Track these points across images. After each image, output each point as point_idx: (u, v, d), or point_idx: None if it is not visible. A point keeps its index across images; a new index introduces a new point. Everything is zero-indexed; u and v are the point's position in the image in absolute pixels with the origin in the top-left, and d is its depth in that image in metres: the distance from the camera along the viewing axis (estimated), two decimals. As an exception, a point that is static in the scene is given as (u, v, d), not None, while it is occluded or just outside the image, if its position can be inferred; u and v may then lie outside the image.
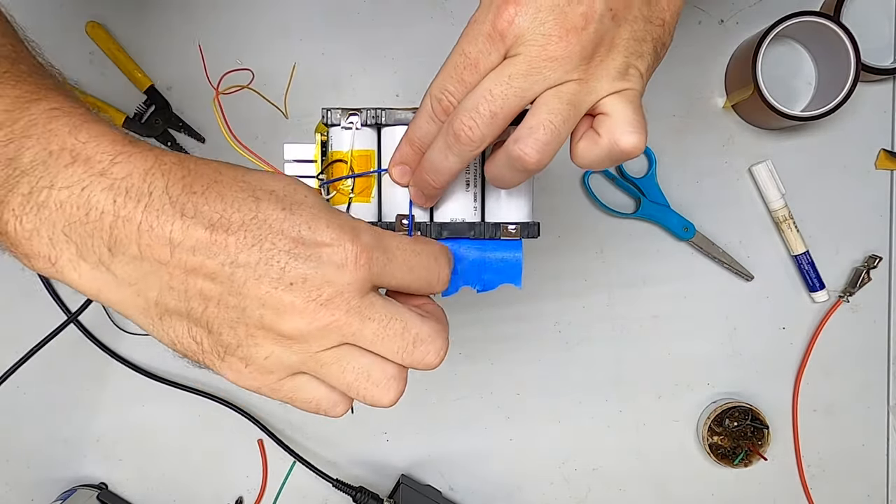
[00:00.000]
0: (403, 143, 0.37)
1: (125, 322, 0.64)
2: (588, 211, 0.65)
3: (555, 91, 0.33)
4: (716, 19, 0.65)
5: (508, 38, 0.32)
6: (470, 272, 0.40)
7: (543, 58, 0.32)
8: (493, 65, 0.33)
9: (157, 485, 0.66)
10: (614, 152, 0.34)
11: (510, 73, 0.32)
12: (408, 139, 0.36)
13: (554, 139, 0.33)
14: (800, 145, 0.66)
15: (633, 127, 0.33)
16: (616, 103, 0.34)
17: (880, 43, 0.65)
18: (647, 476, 0.68)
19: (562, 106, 0.33)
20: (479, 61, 0.33)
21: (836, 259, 0.66)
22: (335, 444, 0.66)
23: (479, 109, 0.32)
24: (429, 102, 0.34)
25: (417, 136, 0.36)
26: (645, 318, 0.66)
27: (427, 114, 0.35)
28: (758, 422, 0.65)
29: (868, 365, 0.67)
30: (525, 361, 0.66)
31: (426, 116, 0.35)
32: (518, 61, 0.32)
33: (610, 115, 0.34)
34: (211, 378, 0.65)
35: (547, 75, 0.32)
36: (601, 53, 0.33)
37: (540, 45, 0.32)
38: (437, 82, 0.34)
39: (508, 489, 0.68)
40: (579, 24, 0.32)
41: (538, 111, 0.33)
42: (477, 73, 0.33)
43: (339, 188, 0.40)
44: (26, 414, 0.65)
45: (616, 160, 0.34)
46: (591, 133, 0.34)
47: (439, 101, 0.34)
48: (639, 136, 0.33)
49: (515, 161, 0.33)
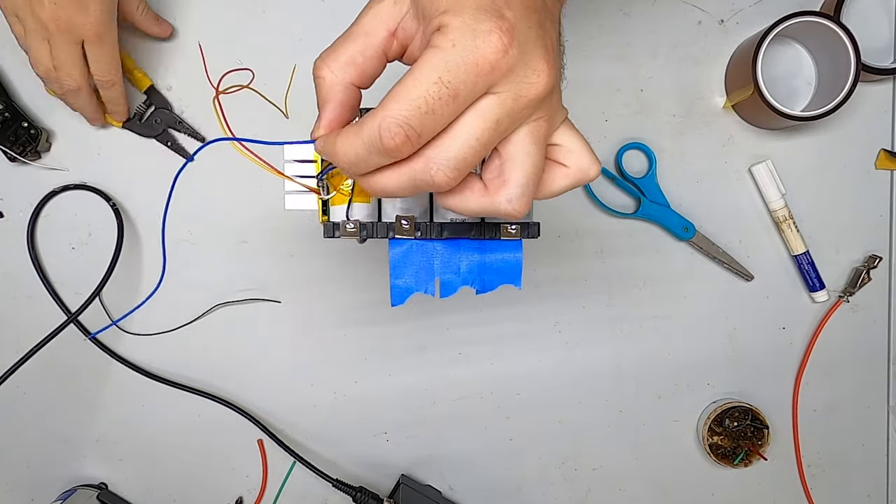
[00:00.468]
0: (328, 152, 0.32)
1: (125, 322, 0.64)
2: (588, 211, 0.65)
3: (529, 135, 0.31)
4: (716, 19, 0.65)
5: (499, 71, 0.29)
6: (470, 273, 0.40)
7: (531, 97, 0.30)
8: (473, 99, 0.30)
9: (157, 485, 0.66)
10: (582, 181, 0.34)
11: (498, 118, 0.30)
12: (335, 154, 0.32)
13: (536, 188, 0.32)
14: (800, 145, 0.66)
15: (593, 155, 0.34)
16: (569, 134, 0.34)
17: (880, 43, 0.65)
18: (647, 476, 0.68)
19: (539, 153, 0.32)
20: (459, 94, 0.29)
21: (836, 259, 0.67)
22: (335, 444, 0.67)
23: (469, 160, 0.30)
24: (376, 131, 0.29)
25: (348, 159, 0.31)
26: (645, 318, 0.67)
27: (370, 143, 0.30)
28: (758, 422, 0.66)
29: (868, 365, 0.68)
30: (525, 362, 0.66)
31: (367, 145, 0.30)
32: (505, 102, 0.30)
33: (570, 147, 0.34)
34: (211, 378, 0.65)
35: (526, 115, 0.31)
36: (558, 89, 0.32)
37: (529, 83, 0.30)
38: (396, 111, 0.29)
39: (508, 489, 0.68)
40: (553, 59, 0.31)
41: (522, 164, 0.31)
42: (454, 106, 0.29)
43: (340, 188, 0.40)
44: (26, 414, 0.65)
45: (575, 187, 0.35)
46: (553, 165, 0.34)
47: (393, 137, 0.29)
48: (599, 163, 0.35)
49: (504, 215, 0.32)
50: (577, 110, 0.64)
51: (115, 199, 0.63)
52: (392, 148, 0.29)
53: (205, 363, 0.65)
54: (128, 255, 0.63)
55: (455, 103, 0.29)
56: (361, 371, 0.66)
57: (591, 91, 0.64)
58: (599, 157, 0.64)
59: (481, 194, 0.32)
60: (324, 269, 0.65)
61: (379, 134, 0.29)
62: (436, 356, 0.66)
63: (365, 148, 0.30)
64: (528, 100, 0.30)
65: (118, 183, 0.63)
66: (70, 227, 0.63)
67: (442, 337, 0.66)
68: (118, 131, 0.62)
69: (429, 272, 0.40)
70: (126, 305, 0.64)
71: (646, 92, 0.65)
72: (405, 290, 0.40)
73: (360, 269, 0.65)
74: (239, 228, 0.64)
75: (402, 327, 0.66)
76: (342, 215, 0.40)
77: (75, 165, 0.63)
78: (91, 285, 0.61)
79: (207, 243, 0.64)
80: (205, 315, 0.64)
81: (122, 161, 0.63)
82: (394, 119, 0.29)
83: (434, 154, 0.30)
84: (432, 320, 0.66)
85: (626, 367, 0.67)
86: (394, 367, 0.66)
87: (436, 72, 0.29)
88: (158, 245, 0.64)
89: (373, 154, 0.30)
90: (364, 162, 0.31)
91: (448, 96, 0.29)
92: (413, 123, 0.29)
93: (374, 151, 0.30)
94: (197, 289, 0.64)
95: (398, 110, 0.29)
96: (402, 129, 0.29)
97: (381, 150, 0.30)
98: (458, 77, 0.29)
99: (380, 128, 0.29)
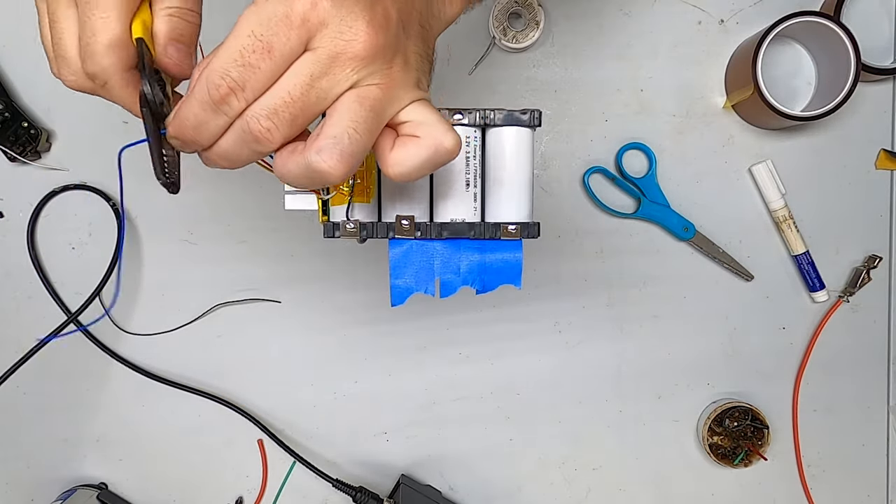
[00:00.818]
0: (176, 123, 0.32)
1: (125, 322, 0.64)
2: (588, 211, 0.65)
3: (356, 95, 0.31)
4: (716, 19, 0.65)
5: (311, 24, 0.29)
6: (470, 273, 0.40)
7: (350, 55, 0.30)
8: (291, 53, 0.30)
9: (157, 485, 0.66)
10: (439, 152, 0.33)
11: (312, 73, 0.30)
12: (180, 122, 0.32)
13: (359, 150, 0.31)
14: (800, 145, 0.66)
15: (449, 126, 0.33)
16: (422, 110, 0.33)
17: (880, 43, 0.65)
18: (647, 476, 0.68)
19: (365, 113, 0.31)
20: (273, 47, 0.29)
21: (836, 259, 0.66)
22: (335, 444, 0.67)
23: (280, 113, 0.30)
24: (204, 87, 0.30)
25: (191, 123, 0.31)
26: (645, 318, 0.67)
27: (201, 100, 0.30)
28: (758, 422, 0.65)
29: (868, 365, 0.68)
30: (525, 362, 0.66)
31: (199, 103, 0.30)
32: (321, 58, 0.30)
33: (421, 120, 0.33)
34: (211, 378, 0.65)
35: (349, 75, 0.30)
36: (399, 62, 0.32)
37: (346, 40, 0.30)
38: (217, 65, 0.29)
39: (508, 489, 0.68)
40: (383, 24, 0.30)
41: (340, 118, 0.30)
42: (271, 60, 0.29)
43: (340, 188, 0.40)
44: (26, 414, 0.65)
45: (437, 164, 0.33)
46: (405, 139, 0.33)
47: (217, 88, 0.30)
48: (457, 135, 0.33)
49: (315, 173, 0.31)
50: (577, 110, 0.64)
51: (115, 199, 0.63)
52: (218, 99, 0.30)
53: (205, 363, 0.65)
54: (128, 255, 0.63)
55: (272, 57, 0.29)
56: (361, 371, 0.66)
57: (591, 91, 0.64)
58: (599, 157, 0.65)
59: (296, 151, 0.31)
60: (324, 269, 0.65)
61: (206, 88, 0.30)
62: (436, 356, 0.66)
63: (200, 106, 0.30)
64: (345, 58, 0.30)
65: (118, 183, 0.63)
66: (70, 227, 0.63)
67: (442, 337, 0.66)
68: (118, 131, 0.62)
69: (429, 272, 0.40)
70: (126, 305, 0.64)
71: (646, 92, 0.65)
72: (405, 290, 0.40)
73: (360, 269, 0.65)
74: (239, 228, 0.64)
75: (402, 327, 0.66)
76: (342, 215, 0.40)
77: (75, 165, 0.63)
78: (91, 285, 0.61)
79: (207, 243, 0.64)
80: (205, 315, 0.64)
81: (122, 161, 0.63)
82: (215, 71, 0.29)
83: (252, 106, 0.30)
84: (432, 320, 0.66)
85: (626, 367, 0.67)
86: (394, 367, 0.66)
87: (249, 25, 0.29)
88: (158, 245, 0.64)
89: (207, 111, 0.30)
90: (204, 125, 0.31)
91: (262, 49, 0.29)
92: (233, 75, 0.29)
93: (207, 108, 0.30)
94: (197, 289, 0.64)
95: (219, 64, 0.29)
96: (223, 81, 0.29)
97: (210, 104, 0.30)
98: (269, 30, 0.29)
99: (206, 82, 0.30)
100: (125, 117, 0.62)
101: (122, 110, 0.35)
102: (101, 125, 0.62)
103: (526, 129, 0.40)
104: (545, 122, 0.64)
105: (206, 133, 0.32)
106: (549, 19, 0.64)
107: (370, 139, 0.31)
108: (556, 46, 0.64)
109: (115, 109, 0.63)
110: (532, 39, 0.62)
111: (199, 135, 0.32)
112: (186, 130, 0.32)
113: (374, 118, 0.31)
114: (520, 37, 0.62)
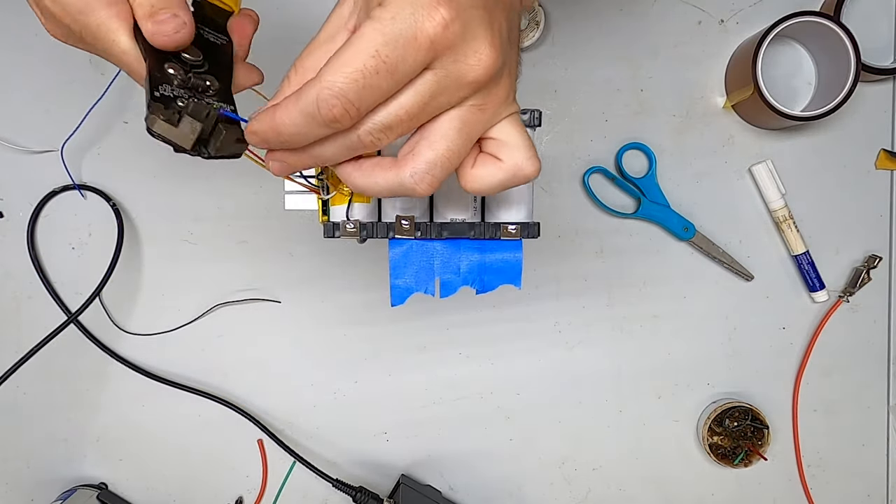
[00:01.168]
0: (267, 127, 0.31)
1: (125, 322, 0.64)
2: (588, 211, 0.65)
3: (458, 120, 0.31)
4: (716, 19, 0.65)
5: (439, 47, 0.28)
6: (470, 273, 0.40)
7: (471, 79, 0.29)
8: (412, 74, 0.29)
9: (157, 485, 0.66)
10: (518, 178, 0.33)
11: (432, 93, 0.29)
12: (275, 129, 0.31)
13: (447, 174, 0.31)
14: (800, 145, 0.66)
15: (532, 152, 0.33)
16: (511, 129, 0.33)
17: (880, 43, 0.65)
18: (647, 476, 0.68)
19: (461, 140, 0.31)
20: (397, 68, 0.28)
21: (836, 259, 0.67)
22: (335, 444, 0.67)
23: (393, 128, 0.30)
24: (314, 102, 0.29)
25: (288, 132, 0.30)
26: (645, 318, 0.67)
27: (308, 113, 0.29)
28: (758, 422, 0.65)
29: (868, 365, 0.68)
30: (525, 362, 0.66)
31: (304, 115, 0.29)
32: (442, 80, 0.29)
33: (507, 141, 0.32)
34: (211, 378, 0.65)
35: (461, 98, 0.30)
36: (504, 79, 0.31)
37: (470, 65, 0.29)
38: (333, 82, 0.28)
39: (508, 489, 0.68)
40: (499, 44, 0.30)
41: (437, 143, 0.30)
42: (392, 80, 0.29)
43: (340, 188, 0.40)
44: (26, 414, 0.65)
45: (512, 185, 0.33)
46: (487, 158, 0.33)
47: (331, 108, 0.29)
48: (538, 161, 0.33)
49: (406, 190, 0.31)
50: (577, 110, 0.64)
51: (115, 199, 0.63)
52: (330, 119, 0.29)
53: (205, 363, 0.65)
54: (128, 255, 0.63)
55: (393, 78, 0.29)
56: (361, 371, 0.66)
57: (591, 91, 0.64)
58: (599, 157, 0.65)
59: (389, 167, 0.31)
60: (324, 269, 0.65)
61: (317, 105, 0.29)
62: (436, 356, 0.66)
63: (303, 118, 0.30)
64: (466, 81, 0.30)
65: (118, 183, 0.63)
66: (70, 227, 0.63)
67: (442, 337, 0.66)
68: (118, 131, 0.62)
69: (429, 272, 0.40)
70: (126, 305, 0.64)
71: (646, 92, 0.65)
72: (405, 290, 0.40)
73: (360, 269, 0.65)
74: (239, 228, 0.64)
75: (402, 327, 0.66)
76: (342, 215, 0.40)
77: (75, 165, 0.63)
78: (91, 285, 0.61)
79: (207, 243, 0.64)
80: (205, 315, 0.64)
81: (122, 161, 0.63)
82: (330, 91, 0.28)
83: (366, 121, 0.30)
84: (432, 320, 0.66)
85: (626, 367, 0.67)
86: (394, 367, 0.66)
87: (373, 45, 0.28)
88: (158, 245, 0.64)
89: (312, 126, 0.30)
90: (303, 134, 0.30)
91: (385, 70, 0.28)
92: (350, 97, 0.28)
93: (312, 123, 0.30)
94: (197, 289, 0.64)
95: (334, 82, 0.28)
96: (339, 102, 0.28)
97: (319, 121, 0.29)
98: (395, 51, 0.28)
99: (317, 99, 0.29)
100: (125, 117, 0.62)
101: (121, 110, 0.35)
102: (102, 125, 0.62)
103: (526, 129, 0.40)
104: (545, 122, 0.64)
105: (302, 139, 0.31)
106: (549, 19, 0.64)
107: (459, 162, 0.32)
108: (556, 46, 0.64)
109: (115, 110, 0.63)
110: (532, 39, 0.62)
111: (294, 140, 0.31)
112: (280, 136, 0.31)
113: (467, 144, 0.31)
114: (520, 37, 0.62)
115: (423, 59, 0.29)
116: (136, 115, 0.62)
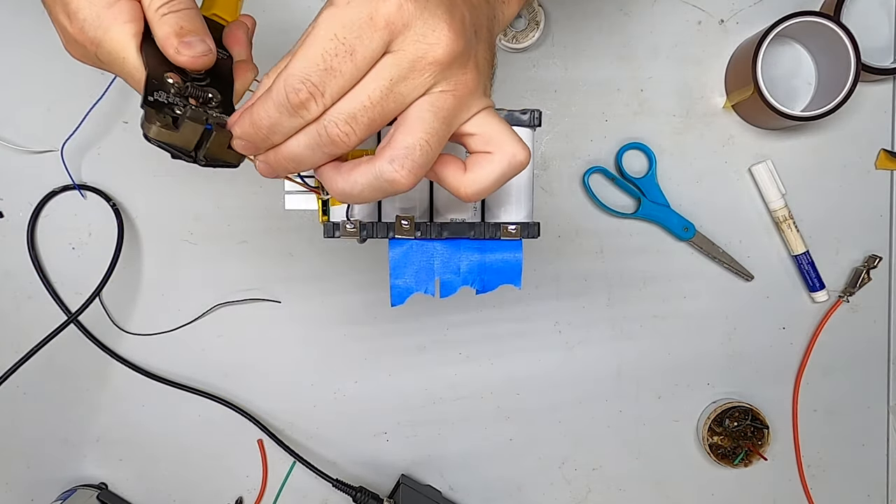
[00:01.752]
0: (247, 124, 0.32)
1: (125, 322, 0.64)
2: (588, 211, 0.65)
3: (429, 104, 0.30)
4: (716, 19, 0.65)
5: (395, 26, 0.29)
6: (470, 273, 0.40)
7: (430, 60, 0.29)
8: (373, 57, 0.29)
9: (157, 485, 0.66)
10: (513, 166, 0.32)
11: (392, 77, 0.29)
12: (253, 124, 0.31)
13: (429, 161, 0.31)
14: (800, 145, 0.66)
15: (518, 139, 0.32)
16: (490, 120, 0.32)
17: (880, 43, 0.65)
18: (647, 476, 0.68)
19: (438, 125, 0.30)
20: (356, 50, 0.29)
21: (836, 259, 0.66)
22: (335, 444, 0.67)
23: (359, 118, 0.30)
24: (282, 90, 0.29)
25: (265, 125, 0.31)
26: (645, 318, 0.67)
27: (278, 103, 0.30)
28: (758, 422, 0.65)
29: (868, 365, 0.68)
30: (525, 362, 0.66)
31: (276, 106, 0.30)
32: (402, 61, 0.29)
33: (491, 133, 0.32)
34: (211, 378, 0.65)
35: (427, 80, 0.30)
36: (471, 68, 0.31)
37: (428, 44, 0.29)
38: (296, 69, 0.29)
39: (508, 489, 0.68)
40: (461, 28, 0.30)
41: (412, 128, 0.30)
42: (353, 64, 0.29)
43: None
44: (26, 414, 0.65)
45: (509, 178, 0.33)
46: (477, 156, 0.32)
47: (297, 93, 0.29)
48: (527, 147, 0.33)
49: (387, 183, 0.30)
50: (577, 110, 0.64)
51: (115, 199, 0.63)
52: (297, 104, 0.29)
53: (205, 363, 0.65)
54: (128, 255, 0.63)
55: (353, 60, 0.29)
56: (361, 371, 0.66)
57: (591, 91, 0.64)
58: (599, 157, 0.65)
59: (368, 162, 0.31)
60: (324, 269, 0.65)
61: (284, 92, 0.29)
62: (436, 356, 0.66)
63: (276, 109, 0.30)
64: (426, 62, 0.29)
65: (118, 183, 0.63)
66: (70, 227, 0.63)
67: (442, 337, 0.66)
68: (118, 131, 0.62)
69: (429, 272, 0.40)
70: (126, 305, 0.64)
71: (646, 92, 0.65)
72: (405, 290, 0.40)
73: (360, 269, 0.65)
74: (239, 228, 0.64)
75: (402, 327, 0.66)
76: (342, 215, 0.40)
77: (75, 165, 0.63)
78: (91, 285, 0.61)
79: (207, 243, 0.64)
80: (205, 315, 0.64)
81: (122, 161, 0.63)
82: (295, 76, 0.29)
83: (331, 110, 0.30)
84: (432, 320, 0.66)
85: (626, 367, 0.67)
86: (394, 367, 0.66)
87: (332, 28, 0.29)
88: (158, 245, 0.64)
89: (283, 115, 0.30)
90: (279, 126, 0.31)
91: (345, 52, 0.29)
92: (314, 80, 0.29)
93: (283, 111, 0.30)
94: (197, 289, 0.64)
95: (299, 68, 0.29)
96: (304, 86, 0.29)
97: (288, 107, 0.30)
98: (353, 32, 0.28)
99: (284, 86, 0.29)
100: (125, 117, 0.62)
101: (121, 111, 0.35)
102: (102, 125, 0.62)
103: (526, 129, 0.40)
104: (545, 122, 0.64)
105: (279, 133, 0.31)
106: (549, 19, 0.64)
107: (439, 149, 0.31)
108: (556, 46, 0.64)
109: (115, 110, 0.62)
110: (532, 39, 0.62)
111: (272, 135, 0.31)
112: (259, 131, 0.31)
113: (445, 129, 0.31)
114: (520, 37, 0.62)
115: (381, 39, 0.29)
116: (136, 116, 0.62)
